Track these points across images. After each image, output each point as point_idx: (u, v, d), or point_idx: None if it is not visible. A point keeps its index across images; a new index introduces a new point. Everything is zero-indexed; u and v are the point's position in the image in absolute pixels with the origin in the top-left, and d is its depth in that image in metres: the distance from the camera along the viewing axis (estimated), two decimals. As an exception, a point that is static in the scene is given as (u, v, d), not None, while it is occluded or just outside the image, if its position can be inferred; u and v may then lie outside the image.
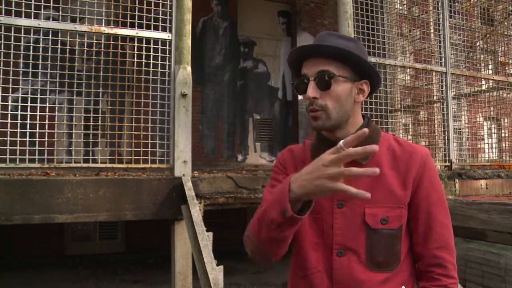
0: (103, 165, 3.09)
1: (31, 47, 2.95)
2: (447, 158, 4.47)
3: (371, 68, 1.12)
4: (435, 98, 4.99)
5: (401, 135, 4.97)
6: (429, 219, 1.10)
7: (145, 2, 3.16)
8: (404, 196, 1.10)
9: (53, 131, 3.03)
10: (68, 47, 3.07)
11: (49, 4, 2.90)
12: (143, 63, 3.21)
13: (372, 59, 4.02)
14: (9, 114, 2.81)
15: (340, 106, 1.10)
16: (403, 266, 1.10)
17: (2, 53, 2.83)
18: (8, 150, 2.77)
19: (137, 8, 3.21)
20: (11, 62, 2.84)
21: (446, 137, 4.48)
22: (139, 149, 3.10)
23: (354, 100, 1.12)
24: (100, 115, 3.30)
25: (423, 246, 1.10)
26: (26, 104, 2.88)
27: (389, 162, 1.13)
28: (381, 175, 1.09)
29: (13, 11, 2.84)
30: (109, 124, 3.19)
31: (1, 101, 2.80)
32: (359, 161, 1.10)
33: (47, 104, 2.99)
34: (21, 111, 2.86)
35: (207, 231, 2.66)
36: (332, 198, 1.11)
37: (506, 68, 5.86)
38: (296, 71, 1.18)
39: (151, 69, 3.19)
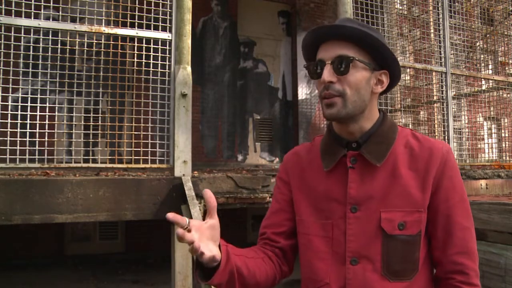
0: (103, 165, 3.09)
1: (31, 47, 2.95)
2: (447, 158, 4.46)
3: (392, 57, 1.04)
4: (435, 98, 4.99)
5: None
6: (449, 222, 1.01)
7: (145, 2, 3.16)
8: (423, 199, 1.01)
9: (53, 131, 3.03)
10: (68, 47, 3.07)
11: (49, 4, 2.90)
12: (143, 63, 3.21)
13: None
14: (9, 114, 2.81)
15: (357, 95, 1.01)
16: (421, 274, 1.02)
17: (2, 53, 2.83)
18: (8, 150, 2.77)
19: (137, 8, 3.21)
20: (11, 62, 2.84)
21: (446, 137, 4.48)
22: (139, 149, 3.10)
23: (372, 91, 1.04)
24: (100, 115, 3.30)
25: (443, 251, 1.02)
26: (26, 104, 2.88)
27: (407, 161, 1.04)
28: (398, 176, 1.02)
29: (13, 11, 2.83)
30: (109, 124, 3.19)
31: (1, 101, 2.80)
32: (374, 163, 1.02)
33: (47, 104, 2.98)
34: (21, 111, 2.86)
35: (207, 231, 2.66)
36: (344, 202, 1.03)
37: (506, 68, 5.85)
38: (310, 56, 1.10)
39: (151, 69, 3.19)
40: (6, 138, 2.77)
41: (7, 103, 2.83)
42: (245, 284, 1.02)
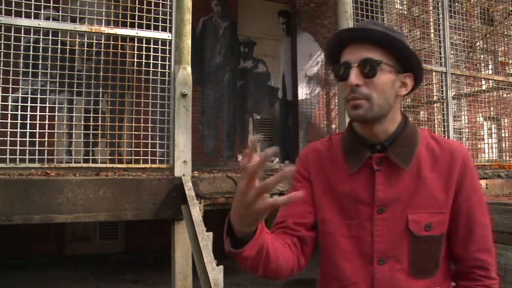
0: (103, 165, 3.09)
1: (31, 47, 2.95)
2: (447, 158, 4.46)
3: (417, 61, 1.05)
4: (435, 98, 4.99)
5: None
6: (470, 221, 1.06)
7: (145, 2, 3.16)
8: (446, 201, 1.05)
9: (53, 131, 3.03)
10: (68, 47, 3.07)
11: (49, 4, 2.90)
12: (143, 63, 3.21)
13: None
14: (9, 114, 2.81)
15: (383, 98, 1.02)
16: (441, 268, 1.07)
17: (2, 53, 2.83)
18: (8, 150, 2.77)
19: (137, 8, 3.21)
20: (11, 62, 2.84)
21: (446, 137, 4.48)
22: (139, 149, 3.10)
23: (396, 94, 1.06)
24: (100, 115, 3.30)
25: (464, 248, 1.07)
26: (26, 104, 2.88)
27: (430, 163, 1.07)
28: (423, 179, 1.05)
29: (13, 11, 2.83)
30: (109, 124, 3.19)
31: (1, 101, 2.80)
32: (402, 166, 1.04)
33: (47, 104, 2.98)
34: (21, 111, 2.86)
35: (207, 231, 2.66)
36: (371, 203, 1.05)
37: (506, 68, 5.85)
38: (334, 58, 1.10)
39: (151, 69, 3.19)
40: (6, 138, 2.77)
41: (7, 103, 2.83)
42: (267, 267, 0.97)
